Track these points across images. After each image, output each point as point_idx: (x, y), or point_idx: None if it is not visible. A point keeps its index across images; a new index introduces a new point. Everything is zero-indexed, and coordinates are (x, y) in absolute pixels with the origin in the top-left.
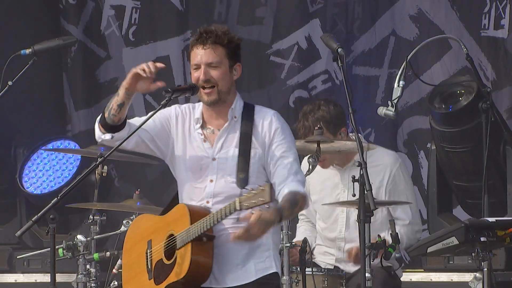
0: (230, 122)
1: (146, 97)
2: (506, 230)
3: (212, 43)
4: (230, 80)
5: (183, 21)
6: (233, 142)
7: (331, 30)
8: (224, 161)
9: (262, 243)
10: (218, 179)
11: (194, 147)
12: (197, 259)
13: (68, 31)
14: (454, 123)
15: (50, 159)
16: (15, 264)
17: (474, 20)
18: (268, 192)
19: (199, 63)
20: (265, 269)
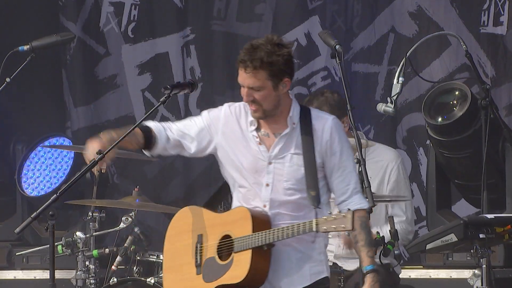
0: (289, 129)
1: (145, 93)
2: (505, 227)
3: (252, 68)
4: (276, 97)
5: (182, 17)
6: (290, 148)
7: (330, 27)
8: (281, 167)
9: (316, 247)
10: (275, 184)
11: (248, 148)
12: (255, 266)
13: (67, 28)
14: (451, 133)
15: (46, 157)
16: (14, 261)
17: (474, 17)
18: (350, 220)
19: (243, 84)
20: (318, 274)
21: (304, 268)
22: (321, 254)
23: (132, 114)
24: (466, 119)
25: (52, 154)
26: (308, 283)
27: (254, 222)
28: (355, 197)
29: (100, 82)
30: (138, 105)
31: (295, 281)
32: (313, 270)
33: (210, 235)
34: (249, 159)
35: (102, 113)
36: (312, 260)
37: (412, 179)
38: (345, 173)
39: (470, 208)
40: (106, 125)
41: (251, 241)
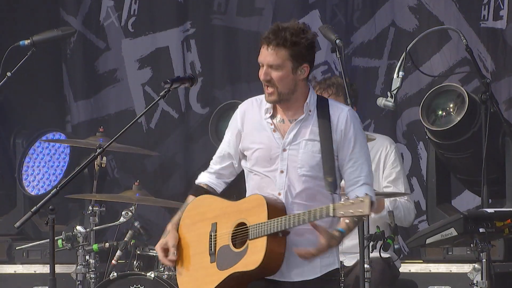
0: (305, 115)
1: (145, 88)
2: (504, 221)
3: (275, 45)
4: (293, 81)
5: (183, 12)
6: (305, 135)
7: (330, 21)
8: (295, 153)
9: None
10: (289, 171)
11: (263, 136)
12: (271, 253)
13: (68, 22)
14: (450, 137)
15: (44, 153)
16: (14, 255)
17: (474, 11)
18: (368, 205)
19: (262, 63)
20: (329, 265)
21: (316, 260)
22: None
23: (132, 108)
24: (465, 123)
25: (50, 150)
26: (318, 275)
27: (269, 209)
28: (363, 187)
29: (100, 76)
30: (138, 99)
31: (305, 272)
32: (324, 262)
33: (224, 223)
34: (264, 146)
35: (102, 107)
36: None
37: (412, 173)
38: (357, 164)
39: (470, 202)
40: (106, 119)
41: (267, 228)
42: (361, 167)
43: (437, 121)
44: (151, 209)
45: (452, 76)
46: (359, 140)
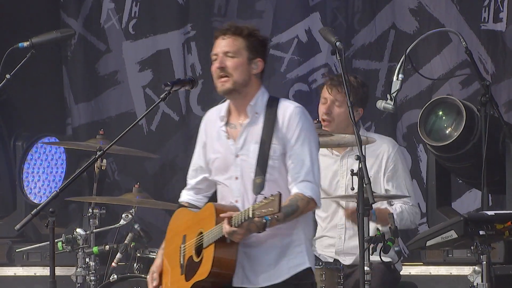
0: (251, 118)
1: (146, 90)
2: (505, 224)
3: (232, 33)
4: (247, 72)
5: (184, 14)
6: (253, 138)
7: (331, 23)
8: (246, 158)
9: (294, 239)
10: (243, 177)
11: (220, 145)
12: (219, 260)
13: (68, 24)
14: (450, 151)
15: (42, 158)
16: (14, 257)
17: (474, 13)
18: (278, 203)
19: (217, 53)
20: (297, 266)
21: (282, 263)
22: (300, 246)
23: (133, 111)
24: (464, 137)
25: (47, 155)
26: (286, 277)
27: (217, 216)
28: (301, 184)
29: (101, 78)
30: (139, 101)
31: (272, 276)
32: (291, 263)
33: (190, 234)
34: (221, 155)
35: (103, 109)
36: (289, 253)
37: (412, 176)
38: (297, 160)
39: (470, 205)
40: (107, 122)
41: (214, 235)
42: (302, 163)
43: (435, 133)
44: (151, 211)
45: (452, 78)
46: (302, 136)
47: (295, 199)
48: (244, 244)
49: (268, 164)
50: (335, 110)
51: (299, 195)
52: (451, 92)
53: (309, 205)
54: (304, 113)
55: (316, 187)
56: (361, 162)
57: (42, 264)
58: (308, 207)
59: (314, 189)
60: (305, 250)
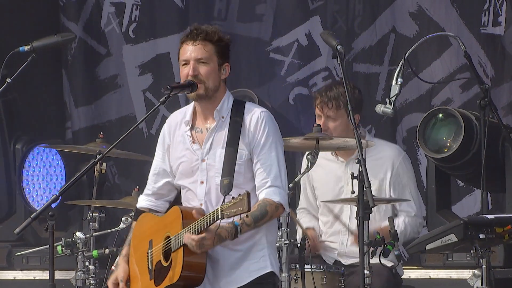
0: (217, 123)
1: (146, 94)
2: (505, 227)
3: (202, 39)
4: (218, 78)
5: (184, 18)
6: (220, 143)
7: (331, 27)
8: (212, 162)
9: (256, 243)
10: (208, 181)
11: (185, 150)
12: (189, 263)
13: (68, 28)
14: (450, 162)
15: (40, 166)
16: (14, 261)
17: (474, 17)
18: (246, 202)
19: (188, 59)
20: (259, 270)
21: (243, 266)
22: (263, 250)
23: (133, 115)
24: (463, 148)
25: (44, 163)
26: (248, 280)
27: (184, 219)
28: (269, 189)
29: (101, 82)
30: (139, 105)
31: (234, 280)
32: (253, 267)
33: (156, 239)
34: (186, 159)
35: (103, 113)
36: (251, 257)
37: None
38: (265, 165)
39: (470, 209)
40: (107, 125)
41: (181, 238)
42: (269, 168)
43: (434, 145)
44: None
45: (452, 82)
46: (269, 142)
47: (264, 204)
48: None
49: (235, 167)
50: (330, 125)
51: (267, 201)
52: (451, 96)
53: (277, 211)
54: (270, 118)
55: (284, 192)
56: (361, 166)
57: (41, 267)
58: (276, 213)
59: (282, 194)
60: (268, 255)
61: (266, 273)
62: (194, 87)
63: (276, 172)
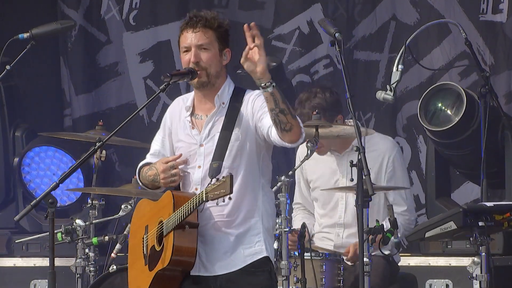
0: (217, 108)
1: (147, 81)
2: (504, 215)
3: (202, 26)
4: (219, 64)
5: (184, 5)
6: (219, 127)
7: (332, 14)
8: (211, 147)
9: (251, 227)
10: (205, 165)
11: (184, 135)
12: (179, 247)
13: (68, 16)
14: (450, 137)
15: (42, 163)
16: (13, 248)
17: (473, 5)
18: (229, 184)
19: (189, 46)
20: (254, 255)
21: (238, 251)
22: (258, 235)
23: (134, 102)
24: (464, 122)
25: (50, 160)
26: (242, 265)
27: (175, 203)
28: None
29: (102, 70)
30: (139, 93)
31: (228, 264)
32: (248, 252)
33: (151, 224)
34: (184, 145)
35: (103, 101)
36: (246, 242)
37: (411, 167)
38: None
39: (469, 196)
40: (107, 113)
41: (172, 222)
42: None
43: (435, 119)
44: None
45: (452, 69)
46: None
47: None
48: (200, 232)
49: (226, 150)
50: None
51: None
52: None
53: (301, 131)
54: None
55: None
56: (360, 154)
57: (41, 255)
58: (299, 130)
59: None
60: (263, 239)
61: (261, 258)
62: (194, 74)
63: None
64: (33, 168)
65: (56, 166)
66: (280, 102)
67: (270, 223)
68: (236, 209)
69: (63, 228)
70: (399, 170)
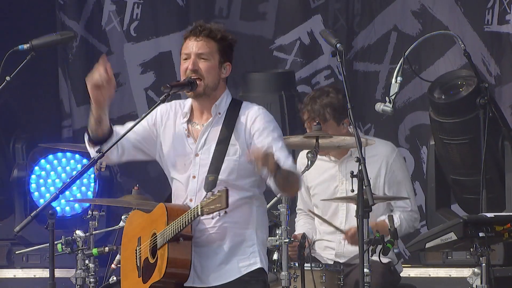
0: (213, 118)
1: (148, 92)
2: (504, 226)
3: (205, 36)
4: (218, 76)
5: (185, 16)
6: (214, 138)
7: (333, 25)
8: (206, 157)
9: (246, 239)
10: (200, 175)
11: (179, 142)
12: (174, 259)
13: (69, 27)
14: (454, 113)
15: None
16: (14, 259)
17: (478, 16)
18: (224, 198)
19: (190, 53)
20: (249, 266)
21: (232, 262)
22: (253, 246)
23: (135, 113)
24: (470, 101)
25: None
26: (237, 276)
27: (169, 216)
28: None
29: None
30: (141, 103)
31: (222, 275)
32: (243, 263)
33: (144, 236)
34: (179, 152)
35: None
36: (240, 253)
37: (414, 178)
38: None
39: None
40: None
41: (166, 235)
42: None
43: (445, 94)
44: None
45: None
46: (270, 127)
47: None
48: (195, 244)
49: (222, 164)
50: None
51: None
52: None
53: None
54: (268, 113)
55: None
56: (361, 164)
57: (41, 266)
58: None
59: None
60: (257, 251)
61: (255, 269)
62: (194, 85)
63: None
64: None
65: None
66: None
67: (264, 235)
68: (231, 221)
69: (63, 239)
70: (399, 174)
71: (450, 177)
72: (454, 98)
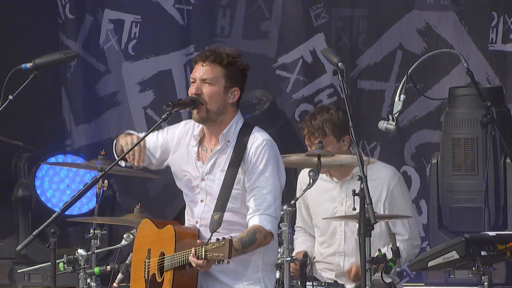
0: (222, 146)
1: (147, 111)
2: (506, 244)
3: (211, 61)
4: (222, 101)
5: (185, 35)
6: (220, 166)
7: (335, 44)
8: (211, 184)
9: (251, 265)
10: (207, 201)
11: (189, 164)
12: (179, 286)
13: (67, 46)
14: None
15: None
16: (15, 278)
17: (482, 34)
18: (227, 249)
19: (195, 78)
20: None
21: (238, 286)
22: (257, 272)
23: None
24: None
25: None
26: None
27: (177, 242)
28: (262, 217)
29: (101, 99)
30: (140, 122)
31: None
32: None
33: (154, 251)
34: (188, 174)
35: (103, 130)
36: (246, 278)
37: (420, 196)
38: (261, 192)
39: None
40: (107, 143)
41: (173, 262)
42: (265, 196)
43: None
44: None
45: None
46: (268, 169)
47: (254, 231)
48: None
49: (230, 196)
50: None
51: (258, 228)
52: None
53: (266, 239)
54: (272, 146)
55: (276, 222)
56: (362, 183)
57: (43, 285)
58: (265, 241)
59: (273, 223)
60: (262, 277)
61: None
62: (196, 104)
63: (271, 201)
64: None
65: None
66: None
67: (271, 259)
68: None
69: (65, 257)
70: (399, 199)
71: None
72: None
